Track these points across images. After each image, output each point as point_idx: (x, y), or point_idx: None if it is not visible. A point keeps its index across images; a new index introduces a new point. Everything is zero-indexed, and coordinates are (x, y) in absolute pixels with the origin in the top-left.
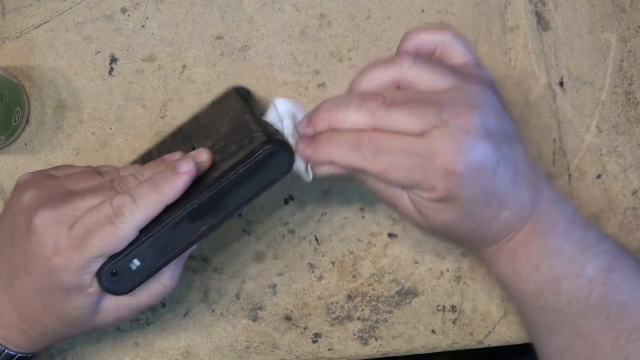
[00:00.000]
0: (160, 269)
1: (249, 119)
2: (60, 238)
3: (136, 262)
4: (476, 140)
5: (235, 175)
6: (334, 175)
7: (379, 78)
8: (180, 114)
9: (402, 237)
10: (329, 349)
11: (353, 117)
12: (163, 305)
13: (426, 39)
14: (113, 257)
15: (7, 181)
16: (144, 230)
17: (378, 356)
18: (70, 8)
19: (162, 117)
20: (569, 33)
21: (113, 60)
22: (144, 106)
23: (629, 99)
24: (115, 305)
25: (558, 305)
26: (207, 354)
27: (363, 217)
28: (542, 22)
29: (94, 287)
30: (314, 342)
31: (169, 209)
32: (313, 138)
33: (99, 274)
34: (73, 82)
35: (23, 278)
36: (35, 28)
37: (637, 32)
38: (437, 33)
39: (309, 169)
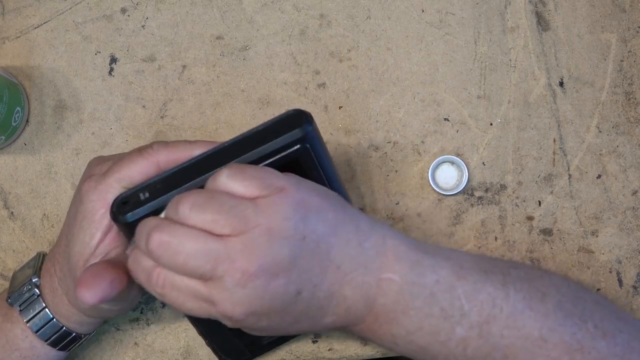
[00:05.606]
0: (163, 202)
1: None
2: (96, 167)
3: (146, 194)
4: (255, 290)
5: (250, 133)
6: None
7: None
8: (180, 114)
9: None
10: (329, 349)
11: (141, 245)
12: (163, 305)
13: (215, 186)
14: (128, 190)
15: (7, 181)
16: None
17: (378, 356)
18: (70, 8)
19: (162, 117)
20: (569, 33)
21: (113, 60)
22: (144, 106)
23: (629, 99)
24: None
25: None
26: (207, 354)
27: None
28: (542, 22)
29: (106, 223)
30: (314, 342)
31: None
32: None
33: (112, 203)
34: (73, 82)
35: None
36: (35, 28)
37: (637, 32)
38: (212, 182)
39: None
